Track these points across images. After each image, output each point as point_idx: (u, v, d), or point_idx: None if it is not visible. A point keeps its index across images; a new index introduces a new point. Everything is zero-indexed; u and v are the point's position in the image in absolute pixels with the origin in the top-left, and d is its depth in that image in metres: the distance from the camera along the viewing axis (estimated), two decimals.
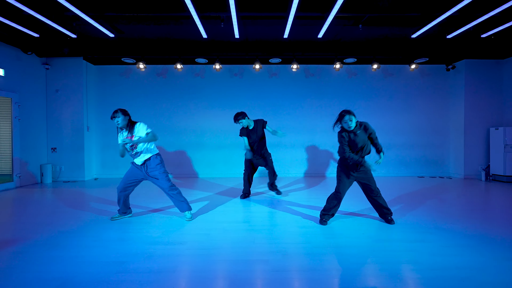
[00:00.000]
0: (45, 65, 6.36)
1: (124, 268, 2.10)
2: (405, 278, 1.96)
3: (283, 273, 2.03)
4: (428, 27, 4.82)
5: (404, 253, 2.37)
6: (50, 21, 4.59)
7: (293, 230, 2.98)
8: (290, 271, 2.06)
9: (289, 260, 2.25)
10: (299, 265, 2.16)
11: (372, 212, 3.51)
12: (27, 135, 5.96)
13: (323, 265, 2.15)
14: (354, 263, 2.19)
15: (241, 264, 2.17)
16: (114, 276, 1.98)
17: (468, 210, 3.73)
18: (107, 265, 2.15)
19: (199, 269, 2.09)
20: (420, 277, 1.97)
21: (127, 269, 2.09)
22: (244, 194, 4.58)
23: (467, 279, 1.94)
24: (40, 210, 3.84)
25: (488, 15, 4.40)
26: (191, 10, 4.15)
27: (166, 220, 3.34)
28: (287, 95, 7.07)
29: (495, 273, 2.03)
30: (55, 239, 2.71)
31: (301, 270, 2.09)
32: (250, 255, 2.35)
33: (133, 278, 1.96)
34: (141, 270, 2.07)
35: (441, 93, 7.02)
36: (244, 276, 2.00)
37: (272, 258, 2.28)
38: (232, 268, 2.12)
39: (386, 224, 3.13)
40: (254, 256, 2.33)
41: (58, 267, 2.13)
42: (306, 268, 2.11)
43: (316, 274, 2.01)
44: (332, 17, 4.40)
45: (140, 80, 7.03)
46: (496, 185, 5.69)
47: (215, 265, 2.16)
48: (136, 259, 2.26)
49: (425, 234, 2.80)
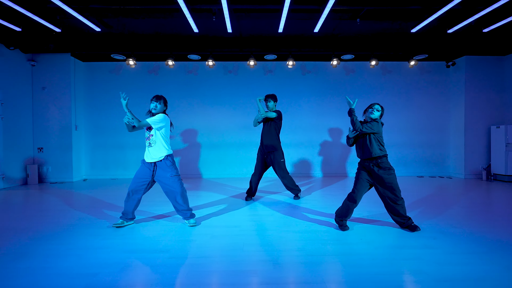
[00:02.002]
0: (31, 61, 6.10)
1: (95, 281, 1.87)
2: None
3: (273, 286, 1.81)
4: (429, 20, 4.62)
5: (407, 261, 2.16)
6: (32, 13, 4.34)
7: (287, 236, 2.76)
8: (280, 284, 1.85)
9: (281, 270, 2.03)
10: (290, 276, 1.94)
11: (372, 216, 3.30)
12: (12, 135, 5.69)
13: (316, 276, 1.94)
14: (350, 273, 1.98)
15: (229, 276, 1.95)
16: None
17: (473, 213, 3.53)
18: (77, 278, 1.92)
19: (179, 283, 1.87)
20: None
21: (97, 282, 1.86)
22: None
23: None
24: (18, 213, 3.60)
25: (490, 8, 4.21)
26: (180, 2, 3.92)
27: (151, 224, 3.11)
28: (283, 93, 6.84)
29: (509, 284, 1.83)
30: (25, 247, 2.47)
31: (293, 282, 1.87)
32: (239, 265, 2.13)
33: None
34: (113, 284, 1.84)
35: (441, 91, 6.84)
36: None
37: (261, 269, 2.06)
38: (218, 281, 1.90)
39: (386, 228, 2.92)
40: (243, 266, 2.11)
41: (20, 281, 1.89)
42: (299, 281, 1.89)
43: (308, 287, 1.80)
44: (328, 9, 4.19)
45: (131, 78, 6.79)
46: (498, 185, 5.52)
47: (199, 278, 1.94)
48: (111, 270, 2.03)
49: (429, 240, 2.59)
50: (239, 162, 6.81)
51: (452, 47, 5.94)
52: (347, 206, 2.84)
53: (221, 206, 3.92)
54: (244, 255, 2.30)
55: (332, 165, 6.86)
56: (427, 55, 6.11)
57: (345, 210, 2.85)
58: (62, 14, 4.70)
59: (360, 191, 2.80)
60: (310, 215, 3.45)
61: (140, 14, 4.83)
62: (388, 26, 5.31)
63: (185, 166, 6.80)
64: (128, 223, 3.06)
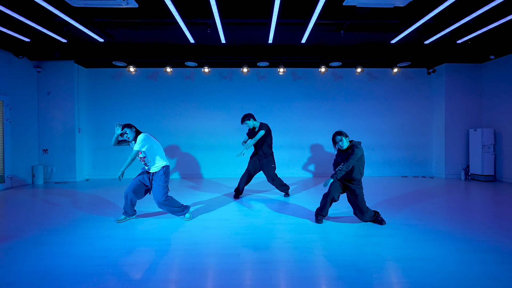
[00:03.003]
0: (37, 68, 6.48)
1: (104, 262, 2.26)
2: (361, 268, 2.14)
3: (252, 265, 2.20)
4: (406, 33, 5.04)
5: (368, 246, 2.56)
6: (40, 26, 4.73)
7: (270, 227, 3.15)
8: (252, 263, 2.24)
9: (260, 253, 2.42)
10: (269, 258, 2.33)
11: (349, 213, 3.69)
12: (19, 137, 6.06)
13: (292, 257, 2.33)
14: (321, 255, 2.37)
15: (210, 258, 2.34)
16: (94, 269, 2.13)
17: (441, 208, 3.94)
18: (88, 259, 2.30)
19: (174, 262, 2.26)
20: (372, 267, 2.16)
21: (106, 262, 2.24)
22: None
23: (417, 269, 2.12)
24: (30, 210, 3.97)
25: (461, 22, 4.62)
26: (177, 17, 4.31)
27: (151, 219, 3.49)
28: (275, 98, 7.26)
29: (444, 263, 2.22)
30: (42, 237, 2.85)
31: (271, 261, 2.26)
32: (224, 249, 2.52)
33: (111, 270, 2.12)
34: (120, 263, 2.23)
35: (424, 95, 7.26)
36: (217, 268, 2.16)
37: (244, 252, 2.45)
38: (207, 260, 2.29)
39: (358, 223, 3.31)
40: (228, 250, 2.50)
41: (42, 261, 2.28)
42: (277, 260, 2.28)
43: (277, 265, 2.19)
44: (312, 23, 4.59)
45: (131, 83, 7.18)
46: (473, 184, 5.93)
47: (191, 259, 2.32)
48: (117, 254, 2.42)
49: (393, 230, 2.99)
50: (233, 163, 7.20)
51: (431, 56, 6.36)
52: (323, 204, 3.23)
53: (214, 203, 4.31)
54: (230, 241, 2.69)
55: (321, 166, 7.25)
56: (410, 62, 6.53)
57: (322, 207, 3.24)
58: (68, 26, 5.08)
59: (332, 192, 3.18)
60: (294, 210, 3.84)
61: (140, 26, 5.21)
62: (371, 37, 5.72)
63: (183, 167, 7.18)
64: (130, 218, 3.43)
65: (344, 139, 3.12)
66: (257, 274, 2.06)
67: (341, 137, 3.12)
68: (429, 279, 1.97)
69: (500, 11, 4.43)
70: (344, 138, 3.12)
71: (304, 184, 6.02)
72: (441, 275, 2.03)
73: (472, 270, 2.11)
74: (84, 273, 2.07)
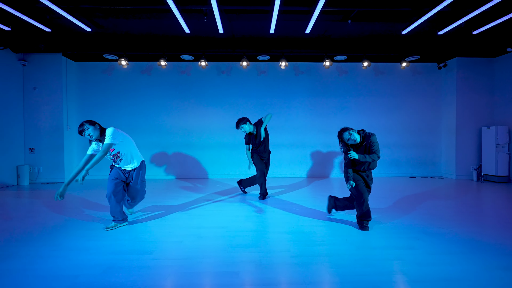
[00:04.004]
0: (22, 61, 6.05)
1: (76, 283, 1.88)
2: None
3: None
4: (418, 22, 4.65)
5: (389, 262, 2.19)
6: (20, 13, 4.31)
7: (274, 236, 2.77)
8: (252, 285, 1.86)
9: (264, 272, 2.05)
10: (273, 278, 1.96)
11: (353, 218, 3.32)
12: (2, 135, 5.66)
13: (292, 278, 1.95)
14: (334, 274, 2.00)
15: (203, 278, 1.96)
16: None
17: (459, 213, 3.57)
18: (58, 280, 1.92)
19: (161, 285, 1.88)
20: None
21: (78, 284, 1.86)
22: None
23: None
24: (4, 215, 3.58)
25: (479, 10, 4.25)
26: (170, 3, 3.92)
27: (142, 227, 3.11)
28: (276, 94, 6.87)
29: (481, 284, 1.85)
30: (11, 248, 2.47)
31: (276, 283, 1.89)
32: (218, 266, 2.14)
33: None
34: (96, 286, 1.84)
35: (433, 92, 6.89)
36: None
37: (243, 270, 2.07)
38: (192, 281, 1.91)
39: (370, 229, 2.94)
40: (224, 267, 2.12)
41: (4, 281, 1.89)
42: (282, 281, 1.91)
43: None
44: (318, 11, 4.20)
45: (124, 78, 6.77)
46: (487, 186, 5.57)
47: (182, 279, 1.94)
48: (93, 272, 2.03)
49: (412, 241, 2.62)
50: (231, 163, 6.81)
51: (443, 49, 5.99)
52: (367, 209, 2.94)
53: (211, 206, 3.93)
54: (229, 256, 2.31)
55: (323, 166, 6.88)
56: (419, 56, 6.15)
57: (366, 212, 2.93)
58: (51, 14, 4.67)
59: (365, 194, 2.90)
60: (298, 215, 3.46)
61: (131, 14, 4.81)
62: (380, 28, 5.34)
63: (178, 166, 6.79)
64: (122, 225, 3.04)
65: (354, 133, 2.87)
66: None
67: (348, 132, 2.87)
68: None
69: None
70: (353, 132, 2.87)
71: (308, 185, 5.64)
72: None
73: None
74: None
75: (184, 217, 3.43)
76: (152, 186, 5.56)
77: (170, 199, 4.38)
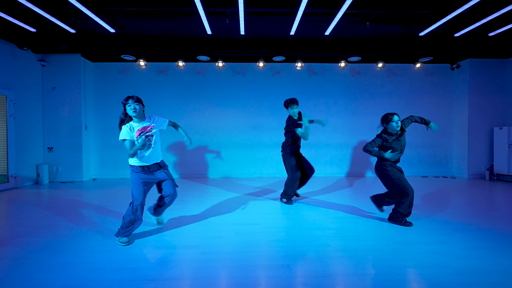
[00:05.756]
0: (41, 61, 6.13)
1: (138, 275, 1.96)
2: (436, 282, 1.86)
3: (302, 279, 1.92)
4: (437, 25, 4.75)
5: (429, 255, 2.28)
6: (49, 14, 4.40)
7: (308, 232, 2.86)
8: (307, 277, 1.95)
9: (314, 264, 2.14)
10: (325, 270, 2.05)
11: (386, 214, 3.42)
12: (23, 134, 5.73)
13: (343, 270, 2.05)
14: (380, 266, 2.09)
15: (257, 270, 2.05)
16: (129, 284, 1.84)
17: (482, 211, 3.67)
18: (119, 272, 2.00)
19: (215, 276, 1.97)
20: (450, 280, 1.88)
21: (141, 276, 1.95)
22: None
23: (499, 284, 1.85)
24: (37, 212, 3.66)
25: (498, 13, 4.35)
26: (198, 4, 4.01)
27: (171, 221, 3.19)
28: (290, 94, 6.92)
29: None
30: (58, 243, 2.55)
31: (329, 275, 1.98)
32: (266, 259, 2.23)
33: (150, 286, 1.82)
34: (156, 277, 1.93)
35: (445, 93, 6.99)
36: (260, 282, 1.88)
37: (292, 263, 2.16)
38: (248, 274, 2.00)
39: (403, 226, 3.03)
40: (273, 261, 2.21)
41: (66, 274, 1.98)
42: (326, 274, 2.00)
43: (335, 280, 1.91)
44: (341, 13, 4.30)
45: (140, 78, 6.85)
46: (501, 185, 5.68)
47: (236, 272, 2.03)
48: (149, 265, 2.12)
49: (445, 236, 2.72)
50: (247, 162, 6.90)
51: (458, 50, 6.09)
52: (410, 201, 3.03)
53: (233, 204, 4.01)
54: (271, 250, 2.40)
55: (338, 164, 6.97)
56: (432, 57, 6.25)
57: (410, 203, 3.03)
58: (77, 15, 4.76)
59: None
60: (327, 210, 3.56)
61: (154, 16, 4.89)
62: (396, 30, 5.44)
63: (194, 166, 6.88)
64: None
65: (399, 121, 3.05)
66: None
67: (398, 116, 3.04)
68: None
69: None
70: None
71: (329, 187, 5.74)
72: None
73: None
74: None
75: (215, 214, 3.52)
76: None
77: (194, 197, 4.46)
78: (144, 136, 2.53)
